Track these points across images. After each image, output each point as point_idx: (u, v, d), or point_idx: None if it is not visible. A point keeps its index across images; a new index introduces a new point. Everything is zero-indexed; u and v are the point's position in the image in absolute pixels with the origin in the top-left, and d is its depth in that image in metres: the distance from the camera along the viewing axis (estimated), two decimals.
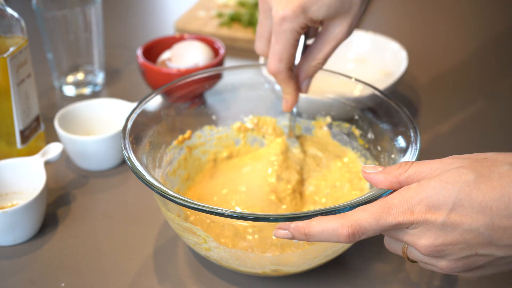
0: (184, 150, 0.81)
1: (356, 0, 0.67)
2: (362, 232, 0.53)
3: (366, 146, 0.78)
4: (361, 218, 0.53)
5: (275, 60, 0.70)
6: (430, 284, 0.71)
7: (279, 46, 0.69)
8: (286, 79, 0.72)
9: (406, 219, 0.52)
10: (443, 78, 1.14)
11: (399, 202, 0.52)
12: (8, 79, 0.82)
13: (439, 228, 0.51)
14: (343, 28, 0.69)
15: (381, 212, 0.52)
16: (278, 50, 0.69)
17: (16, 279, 0.72)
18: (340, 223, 0.53)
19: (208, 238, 0.65)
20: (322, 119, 0.83)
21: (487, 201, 0.49)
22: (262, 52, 0.73)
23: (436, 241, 0.51)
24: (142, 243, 0.77)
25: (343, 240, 0.54)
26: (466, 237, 0.51)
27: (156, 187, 0.62)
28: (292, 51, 0.70)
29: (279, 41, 0.69)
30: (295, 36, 0.68)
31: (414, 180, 0.54)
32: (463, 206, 0.50)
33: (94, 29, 1.04)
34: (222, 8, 1.34)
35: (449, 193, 0.50)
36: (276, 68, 0.71)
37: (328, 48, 0.71)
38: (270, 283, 0.71)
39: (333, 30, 0.69)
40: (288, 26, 0.67)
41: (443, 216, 0.50)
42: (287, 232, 0.57)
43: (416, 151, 0.66)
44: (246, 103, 0.85)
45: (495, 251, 0.51)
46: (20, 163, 0.80)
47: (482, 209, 0.50)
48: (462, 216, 0.50)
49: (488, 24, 1.36)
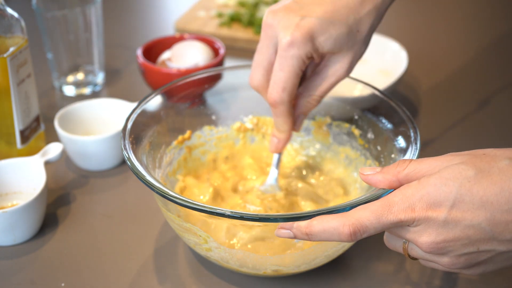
0: (184, 150, 0.81)
1: (359, 39, 0.67)
2: (364, 230, 0.53)
3: (366, 146, 0.78)
4: (362, 216, 0.53)
5: (278, 89, 0.66)
6: (430, 284, 0.71)
7: (284, 73, 0.65)
8: (286, 113, 0.68)
9: (407, 216, 0.52)
10: (443, 78, 1.14)
11: (400, 200, 0.52)
12: (8, 79, 0.82)
13: (441, 225, 0.51)
14: (344, 64, 0.67)
15: (382, 210, 0.52)
16: (283, 78, 0.66)
17: (16, 279, 0.72)
18: (341, 222, 0.53)
19: (209, 238, 0.65)
20: (322, 119, 0.83)
21: (488, 196, 0.50)
22: (258, 85, 0.69)
23: (437, 238, 0.52)
24: (142, 243, 0.77)
25: (344, 239, 0.54)
26: (468, 233, 0.51)
27: (156, 187, 0.62)
28: (296, 81, 0.66)
29: (284, 68, 0.65)
30: (300, 64, 0.65)
31: (413, 177, 0.54)
32: (464, 202, 0.50)
33: (94, 29, 1.04)
34: (222, 8, 1.34)
35: (449, 189, 0.50)
36: (279, 97, 0.67)
37: (327, 84, 0.69)
38: (270, 283, 0.71)
39: (334, 66, 0.68)
40: (295, 52, 0.64)
41: (444, 212, 0.51)
42: (289, 232, 0.57)
43: (416, 151, 0.66)
44: (246, 103, 0.85)
45: (497, 246, 0.51)
46: (20, 163, 0.81)
47: (483, 204, 0.50)
48: (464, 212, 0.50)
49: (488, 24, 1.36)
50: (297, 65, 0.65)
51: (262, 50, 0.68)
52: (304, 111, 0.71)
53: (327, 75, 0.68)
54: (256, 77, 0.69)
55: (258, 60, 0.68)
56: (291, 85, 0.66)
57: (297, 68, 0.65)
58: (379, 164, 0.75)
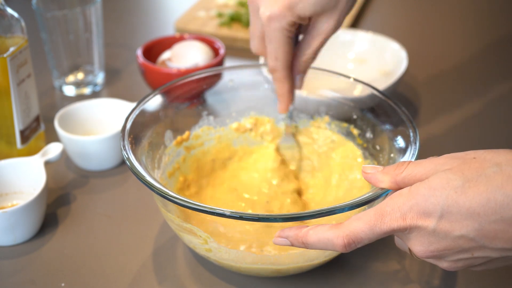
0: (183, 151, 0.81)
1: None
2: (358, 241, 0.54)
3: (364, 146, 0.78)
4: (357, 228, 0.53)
5: (272, 59, 0.71)
6: (429, 283, 0.71)
7: (273, 45, 0.70)
8: (282, 78, 0.73)
9: (399, 225, 0.52)
10: (443, 78, 1.14)
11: (392, 210, 0.52)
12: (8, 79, 0.82)
13: (431, 234, 0.51)
14: (330, 23, 0.69)
15: (375, 221, 0.53)
16: (273, 49, 0.70)
17: (16, 279, 0.72)
18: (336, 234, 0.54)
19: (209, 239, 0.65)
20: (320, 118, 0.83)
21: (475, 207, 0.49)
22: (258, 51, 0.74)
23: (430, 247, 0.52)
24: (142, 243, 0.77)
25: (339, 250, 0.55)
26: (459, 242, 0.51)
27: (155, 187, 0.62)
28: (287, 49, 0.70)
29: (272, 41, 0.70)
30: (285, 34, 0.69)
31: (410, 180, 0.54)
32: (451, 213, 0.50)
33: (94, 29, 1.04)
34: (222, 8, 1.34)
35: (437, 200, 0.50)
36: (274, 66, 0.72)
37: (317, 43, 0.71)
38: (270, 283, 0.71)
39: (321, 26, 0.70)
40: (276, 25, 0.68)
41: (433, 223, 0.51)
42: (285, 240, 0.57)
43: (416, 151, 0.66)
44: (245, 103, 0.85)
45: (490, 253, 0.51)
46: (20, 163, 0.81)
47: (470, 215, 0.49)
48: (452, 223, 0.50)
49: (487, 24, 1.36)
50: (282, 36, 0.69)
51: (252, 22, 0.72)
52: (301, 70, 0.75)
53: (316, 34, 0.71)
54: (254, 46, 0.74)
55: (252, 31, 0.73)
56: (282, 53, 0.71)
57: (283, 38, 0.69)
58: (377, 164, 0.75)
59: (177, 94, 0.80)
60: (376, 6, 1.43)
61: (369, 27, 1.27)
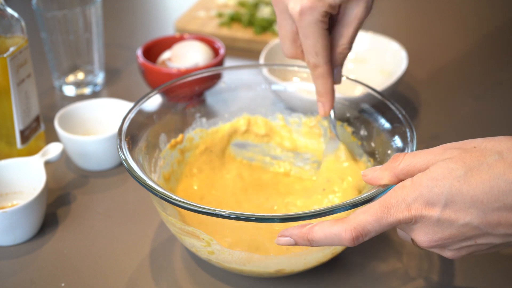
0: (177, 153, 0.80)
1: None
2: (365, 234, 0.54)
3: (359, 144, 0.78)
4: (363, 220, 0.53)
5: (312, 55, 0.68)
6: (428, 279, 0.71)
7: (310, 40, 0.66)
8: (326, 73, 0.69)
9: (405, 216, 0.52)
10: (443, 78, 1.14)
11: (397, 202, 0.53)
12: (8, 79, 0.82)
13: (435, 224, 0.52)
14: (361, 8, 0.66)
15: (381, 213, 0.53)
16: (311, 45, 0.67)
17: (16, 279, 0.72)
18: (343, 227, 0.54)
19: (212, 241, 0.65)
20: (313, 117, 0.82)
21: (478, 195, 0.50)
22: (292, 54, 0.71)
23: (434, 236, 0.53)
24: (142, 243, 0.77)
25: (347, 244, 0.54)
26: (463, 230, 0.52)
27: (155, 189, 0.61)
28: (325, 42, 0.67)
29: (308, 36, 0.66)
30: (320, 26, 0.66)
31: (409, 171, 0.55)
32: (455, 202, 0.51)
33: (94, 29, 1.04)
34: (222, 8, 1.34)
35: (440, 190, 0.51)
36: (316, 62, 0.68)
37: (350, 30, 0.68)
38: (269, 283, 0.71)
39: (351, 12, 0.67)
40: (310, 18, 0.65)
41: (437, 212, 0.51)
42: (289, 239, 0.57)
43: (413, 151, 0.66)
44: (243, 103, 0.84)
45: (493, 240, 0.52)
46: (20, 163, 0.81)
47: (474, 203, 0.50)
48: (456, 212, 0.51)
49: (487, 24, 1.36)
50: (317, 29, 0.66)
51: (281, 24, 0.69)
52: (339, 63, 0.71)
53: (348, 21, 0.68)
54: (287, 49, 0.70)
55: (281, 34, 0.69)
56: (322, 47, 0.67)
57: (319, 31, 0.66)
58: (373, 161, 0.75)
59: (174, 94, 0.79)
60: (376, 6, 1.42)
61: (369, 27, 1.26)
